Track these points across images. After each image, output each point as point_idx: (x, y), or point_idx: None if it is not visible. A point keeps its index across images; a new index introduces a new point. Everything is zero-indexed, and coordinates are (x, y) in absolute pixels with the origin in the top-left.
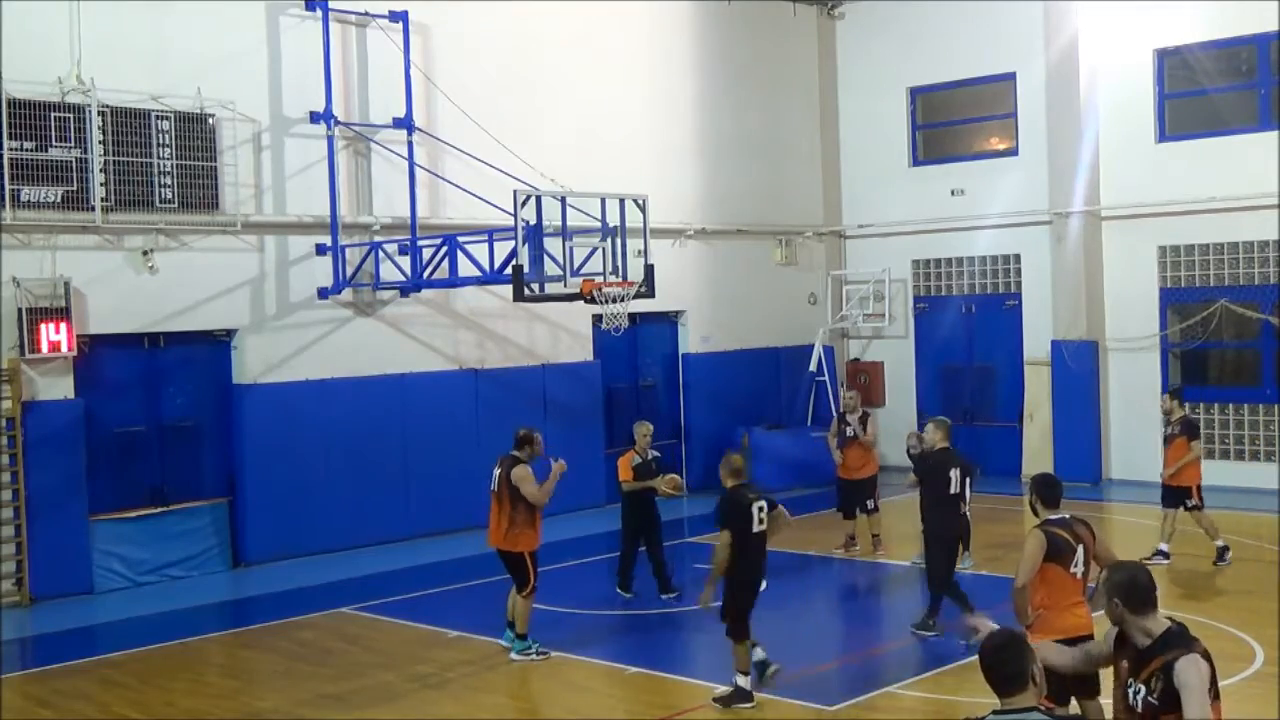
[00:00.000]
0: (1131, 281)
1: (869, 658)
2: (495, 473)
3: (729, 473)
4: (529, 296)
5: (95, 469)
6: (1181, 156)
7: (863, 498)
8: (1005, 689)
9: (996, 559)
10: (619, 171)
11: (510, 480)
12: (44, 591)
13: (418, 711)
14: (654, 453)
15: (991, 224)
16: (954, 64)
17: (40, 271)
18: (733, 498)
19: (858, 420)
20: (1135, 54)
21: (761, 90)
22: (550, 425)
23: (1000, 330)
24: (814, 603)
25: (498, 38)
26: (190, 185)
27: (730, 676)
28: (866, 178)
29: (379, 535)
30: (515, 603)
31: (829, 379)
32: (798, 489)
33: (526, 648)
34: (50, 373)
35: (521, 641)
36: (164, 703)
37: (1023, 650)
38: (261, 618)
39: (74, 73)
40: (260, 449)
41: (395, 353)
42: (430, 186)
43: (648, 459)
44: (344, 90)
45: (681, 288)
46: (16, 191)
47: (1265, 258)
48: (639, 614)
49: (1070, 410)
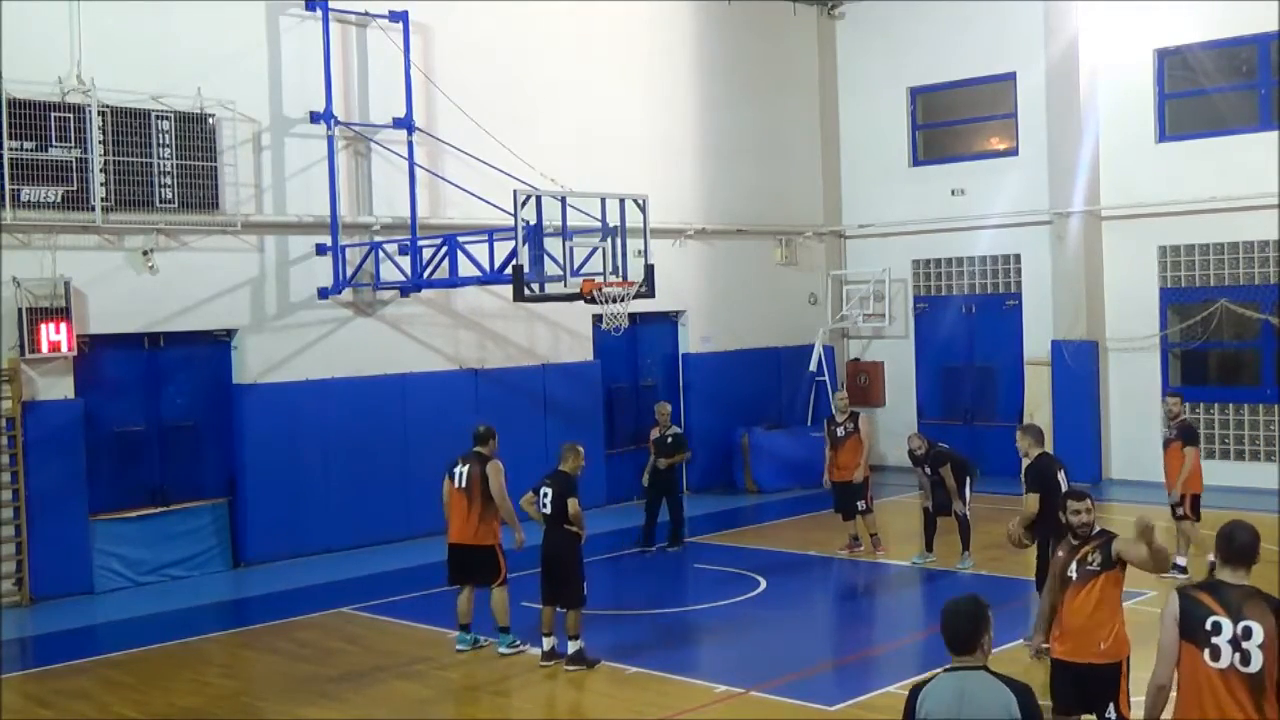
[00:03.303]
0: (1131, 281)
1: (869, 658)
2: (460, 470)
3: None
4: (529, 296)
5: (95, 469)
6: (1181, 156)
7: (855, 499)
8: (959, 649)
9: (996, 560)
10: (619, 171)
11: (484, 476)
12: (44, 591)
13: (417, 712)
14: (675, 428)
15: (992, 224)
16: (954, 64)
17: (40, 271)
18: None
19: (847, 420)
20: (1135, 54)
21: (761, 90)
22: (550, 425)
23: (1000, 330)
24: (814, 603)
25: (498, 38)
26: (190, 185)
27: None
28: (866, 178)
29: (379, 535)
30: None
31: (829, 379)
32: (797, 489)
33: (512, 640)
34: (50, 373)
35: (506, 635)
36: (164, 703)
37: (981, 620)
38: (261, 618)
39: (74, 73)
40: (260, 449)
41: (395, 353)
42: (430, 186)
43: (665, 435)
44: (344, 90)
45: (681, 288)
46: (16, 191)
47: (1265, 258)
48: (639, 614)
49: (1070, 410)
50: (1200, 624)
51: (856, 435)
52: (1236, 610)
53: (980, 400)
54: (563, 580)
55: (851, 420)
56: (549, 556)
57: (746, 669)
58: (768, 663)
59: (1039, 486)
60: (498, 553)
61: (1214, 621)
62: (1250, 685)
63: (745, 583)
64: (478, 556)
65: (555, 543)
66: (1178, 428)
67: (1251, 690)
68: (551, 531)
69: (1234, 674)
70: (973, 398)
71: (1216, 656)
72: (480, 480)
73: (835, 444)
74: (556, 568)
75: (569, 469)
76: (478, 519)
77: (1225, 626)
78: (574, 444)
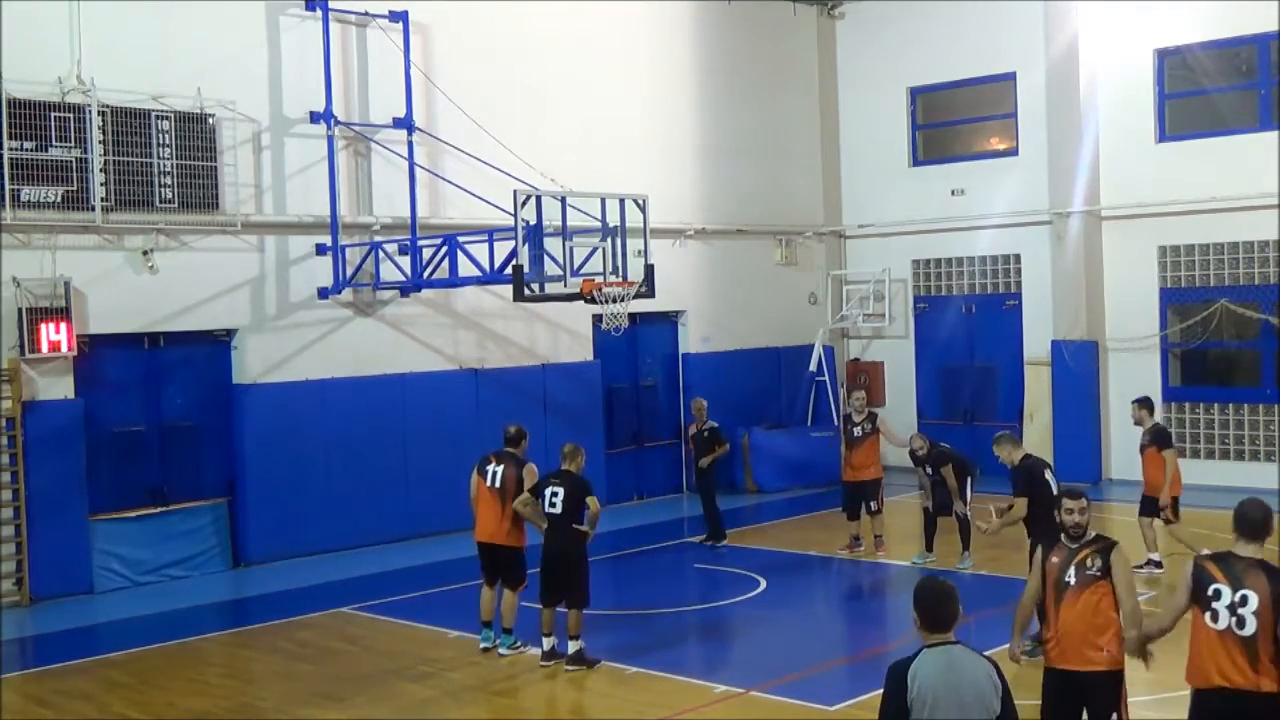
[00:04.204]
0: (1131, 281)
1: (869, 658)
2: (494, 469)
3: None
4: (529, 296)
5: (95, 469)
6: (1181, 156)
7: (867, 499)
8: (943, 627)
9: (996, 560)
10: (619, 171)
11: (519, 479)
12: (44, 591)
13: (418, 712)
14: (711, 423)
15: (992, 224)
16: (954, 64)
17: (40, 271)
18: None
19: (865, 420)
20: (1135, 54)
21: (761, 90)
22: (550, 425)
23: (1000, 330)
24: (815, 603)
25: (498, 38)
26: (190, 185)
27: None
28: (866, 178)
29: (379, 535)
30: (505, 599)
31: (829, 379)
32: (797, 489)
33: (513, 641)
34: (50, 373)
35: (508, 635)
36: (164, 703)
37: (954, 602)
38: (261, 618)
39: (74, 73)
40: (260, 449)
41: (395, 353)
42: (430, 186)
43: (703, 430)
44: (344, 90)
45: (681, 288)
46: (16, 191)
47: (1265, 258)
48: (639, 614)
49: (1070, 410)
50: (1204, 590)
51: (874, 436)
52: (1238, 579)
53: (980, 400)
54: (570, 580)
55: (869, 420)
56: (555, 556)
57: (746, 669)
58: (768, 663)
59: (1028, 489)
60: (522, 556)
61: (1215, 589)
62: (1244, 647)
63: (745, 583)
64: (504, 556)
65: (563, 542)
66: (1150, 433)
67: (1246, 652)
68: (559, 531)
69: (1230, 636)
70: (973, 398)
71: (1216, 619)
72: (516, 482)
73: (851, 443)
74: (563, 567)
75: (576, 469)
76: (510, 521)
77: (1225, 594)
78: (577, 445)
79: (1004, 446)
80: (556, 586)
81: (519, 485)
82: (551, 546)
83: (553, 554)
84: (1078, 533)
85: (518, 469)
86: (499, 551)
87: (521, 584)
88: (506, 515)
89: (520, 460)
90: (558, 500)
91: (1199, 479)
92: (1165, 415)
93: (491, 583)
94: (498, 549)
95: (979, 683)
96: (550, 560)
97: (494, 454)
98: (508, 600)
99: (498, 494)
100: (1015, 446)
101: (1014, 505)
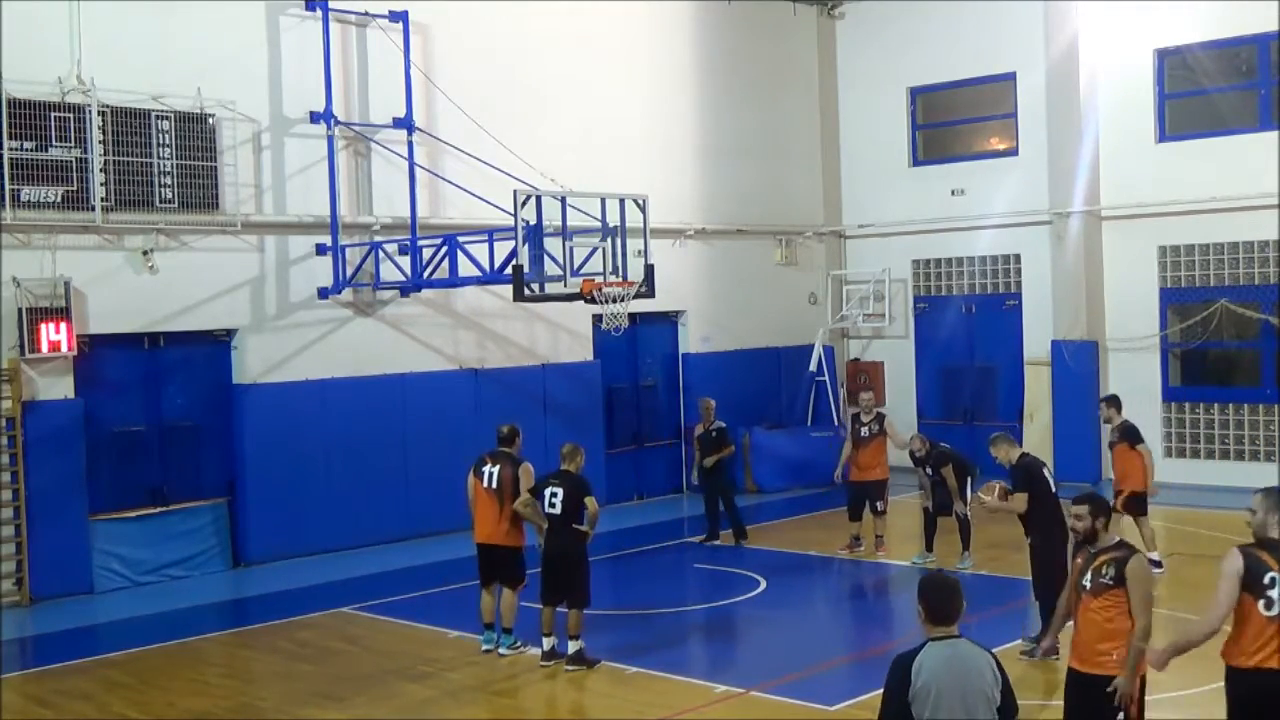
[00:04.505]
0: (1131, 281)
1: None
2: (490, 470)
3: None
4: (529, 296)
5: (95, 469)
6: (1181, 156)
7: (871, 499)
8: (949, 620)
9: (996, 560)
10: (619, 171)
11: (515, 478)
12: (44, 591)
13: (418, 712)
14: (719, 423)
15: (991, 224)
16: (954, 64)
17: (40, 271)
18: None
19: (873, 420)
20: (1135, 54)
21: (761, 90)
22: (550, 425)
23: (1000, 330)
24: (815, 603)
25: (498, 38)
26: (190, 185)
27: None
28: (866, 178)
29: (379, 535)
30: (505, 599)
31: (829, 379)
32: (797, 489)
33: (513, 641)
34: (50, 373)
35: (509, 635)
36: (164, 703)
37: (959, 596)
38: (261, 618)
39: (74, 73)
40: (260, 449)
41: (395, 353)
42: (430, 186)
43: (710, 430)
44: (344, 90)
45: (681, 288)
46: (16, 191)
47: (1265, 258)
48: (639, 614)
49: (1070, 410)
50: (1259, 578)
51: (881, 436)
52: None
53: (980, 400)
54: (571, 580)
55: (877, 421)
56: (556, 556)
57: (746, 669)
58: (768, 663)
59: (1027, 485)
60: (522, 556)
61: (1271, 576)
62: None
63: (745, 583)
64: (503, 556)
65: (564, 542)
66: (1119, 430)
67: None
68: (559, 531)
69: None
70: (973, 398)
71: (1270, 606)
72: (512, 482)
73: (859, 443)
74: (564, 567)
75: (576, 469)
76: (508, 521)
77: (1279, 580)
78: (576, 445)
79: (1001, 446)
80: (557, 586)
81: (515, 484)
82: (552, 547)
83: (553, 554)
84: (1078, 538)
85: (513, 468)
86: (498, 552)
87: (521, 583)
88: (505, 515)
89: (515, 459)
90: (557, 500)
91: (1199, 479)
92: (1165, 415)
93: (489, 587)
94: (497, 549)
95: (982, 675)
96: (550, 560)
97: (489, 454)
98: (507, 600)
99: (495, 494)
100: (1012, 445)
101: (1015, 498)
